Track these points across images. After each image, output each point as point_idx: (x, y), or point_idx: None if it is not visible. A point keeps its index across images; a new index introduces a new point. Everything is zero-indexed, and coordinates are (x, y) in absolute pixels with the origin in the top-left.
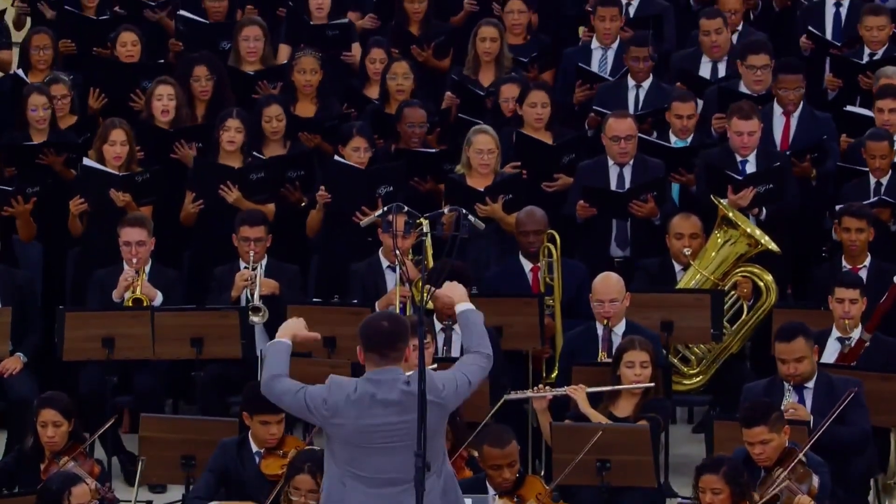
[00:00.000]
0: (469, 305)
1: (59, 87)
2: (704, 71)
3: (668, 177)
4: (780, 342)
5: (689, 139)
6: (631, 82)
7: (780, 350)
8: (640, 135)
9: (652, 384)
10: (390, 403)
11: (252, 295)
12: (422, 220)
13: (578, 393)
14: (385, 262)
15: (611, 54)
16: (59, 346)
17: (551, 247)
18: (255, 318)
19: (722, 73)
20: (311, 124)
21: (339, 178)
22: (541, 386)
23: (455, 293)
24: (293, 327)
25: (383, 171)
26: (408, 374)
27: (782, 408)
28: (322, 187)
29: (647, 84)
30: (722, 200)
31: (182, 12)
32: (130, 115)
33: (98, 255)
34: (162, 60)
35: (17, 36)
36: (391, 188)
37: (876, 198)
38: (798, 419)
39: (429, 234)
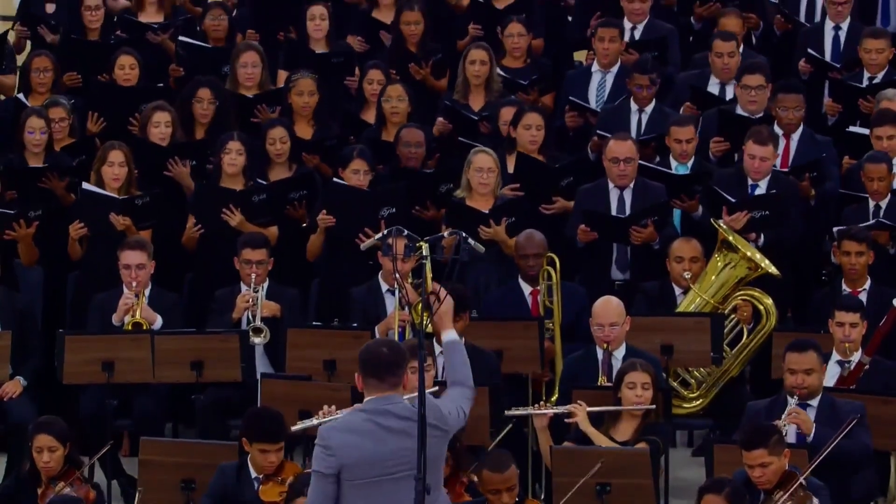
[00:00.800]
0: (455, 335)
1: (57, 111)
2: (712, 92)
3: (670, 202)
4: (792, 352)
5: (690, 163)
6: (634, 106)
7: (791, 360)
8: (641, 162)
9: (653, 406)
10: (395, 431)
11: (253, 317)
12: (421, 243)
13: (579, 411)
14: (385, 286)
15: (610, 77)
16: (58, 370)
17: (551, 270)
18: (256, 339)
19: (730, 95)
20: (309, 145)
21: (341, 200)
22: (542, 402)
23: (441, 320)
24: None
25: (385, 192)
26: (407, 397)
27: (785, 414)
28: (323, 210)
29: (649, 109)
30: (721, 223)
31: (182, 38)
32: (129, 138)
33: (98, 279)
34: (161, 84)
35: (17, 59)
36: (393, 210)
37: (874, 220)
38: (800, 423)
39: (429, 258)
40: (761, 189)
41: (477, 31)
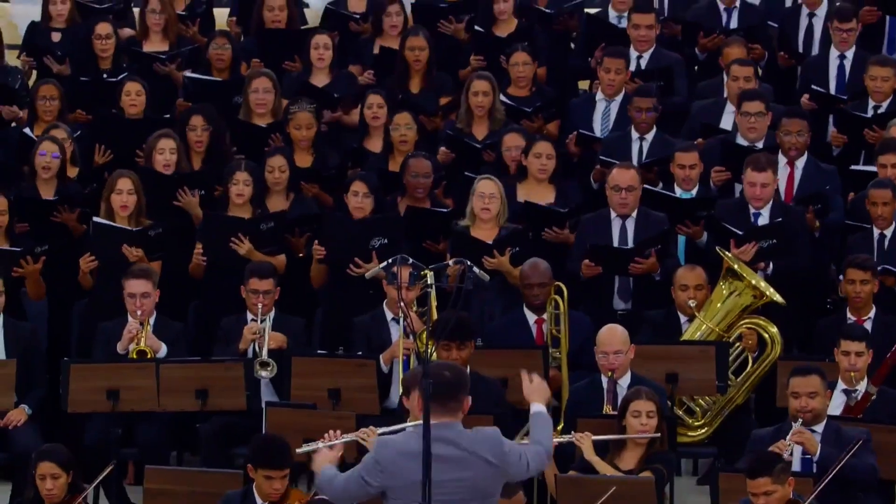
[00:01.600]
0: (543, 408)
1: (58, 132)
2: (727, 121)
3: (675, 229)
4: (796, 377)
5: (694, 190)
6: (635, 134)
7: (795, 384)
8: (645, 186)
9: (658, 434)
10: (449, 460)
11: (260, 348)
12: (426, 271)
13: (584, 440)
14: (389, 315)
15: (614, 106)
16: (63, 398)
17: (558, 299)
18: (263, 373)
19: None
20: (309, 174)
21: (333, 229)
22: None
23: (540, 393)
24: (325, 458)
25: (378, 222)
26: (411, 424)
27: (790, 434)
28: (316, 241)
29: (650, 136)
30: (727, 252)
31: (189, 74)
32: (136, 170)
33: (105, 308)
34: (167, 115)
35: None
36: (385, 240)
37: (881, 267)
38: (805, 442)
39: (433, 287)
40: (764, 217)
41: (479, 62)
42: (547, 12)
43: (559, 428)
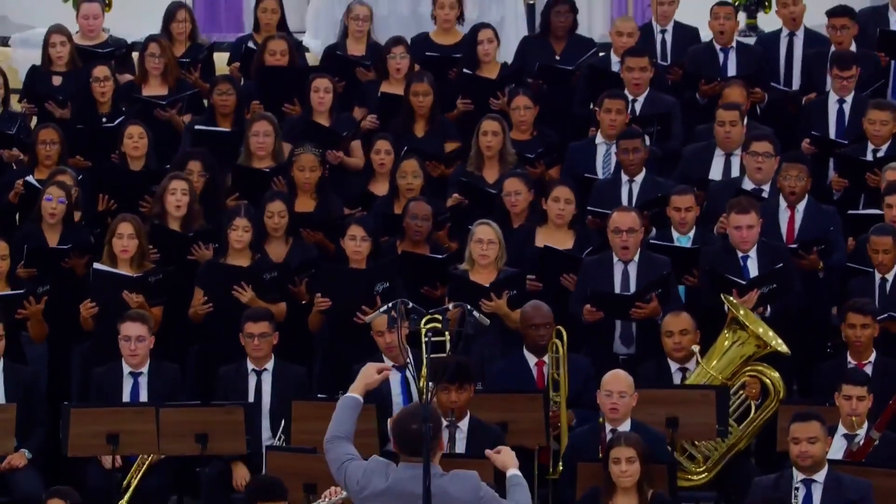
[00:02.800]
0: (518, 472)
1: (64, 178)
2: (717, 164)
3: (682, 279)
4: (796, 422)
5: (692, 234)
6: (624, 177)
7: (795, 429)
8: (651, 241)
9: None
10: (419, 498)
11: None
12: (428, 317)
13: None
14: (389, 363)
15: (615, 149)
16: (63, 442)
17: (558, 343)
18: None
19: (735, 165)
20: (311, 220)
21: (336, 281)
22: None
23: (508, 458)
24: (365, 378)
25: (379, 268)
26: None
27: None
28: (318, 294)
29: (639, 178)
30: (731, 298)
31: (198, 127)
32: (141, 219)
33: (105, 352)
34: (168, 165)
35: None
36: (387, 284)
37: (886, 315)
38: None
39: (431, 335)
40: (752, 260)
41: (466, 106)
42: (566, 69)
43: (559, 469)
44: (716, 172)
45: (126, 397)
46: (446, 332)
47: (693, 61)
